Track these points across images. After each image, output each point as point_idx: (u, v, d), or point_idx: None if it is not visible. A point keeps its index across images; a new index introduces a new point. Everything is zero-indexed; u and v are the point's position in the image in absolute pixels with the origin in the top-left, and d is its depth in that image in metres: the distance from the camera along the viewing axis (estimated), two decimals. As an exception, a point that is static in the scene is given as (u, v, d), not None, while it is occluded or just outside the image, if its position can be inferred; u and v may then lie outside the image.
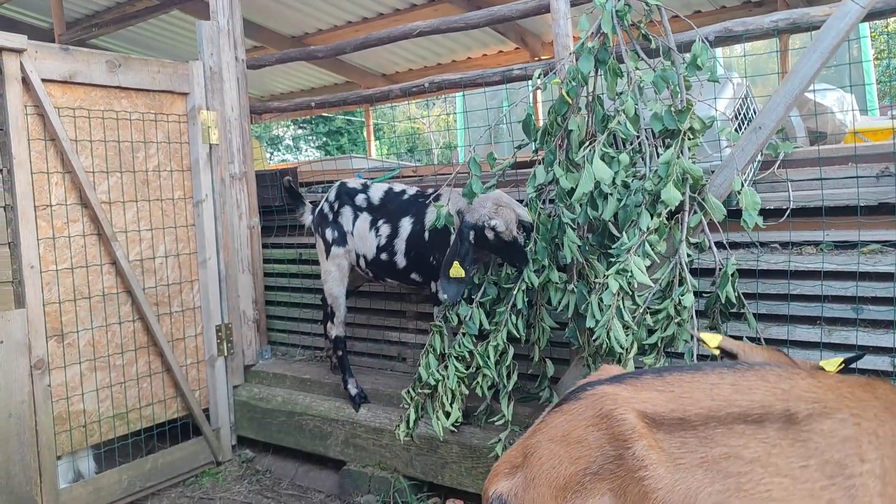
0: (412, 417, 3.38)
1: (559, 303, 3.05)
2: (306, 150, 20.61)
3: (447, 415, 3.20)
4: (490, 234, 3.05)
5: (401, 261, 3.55)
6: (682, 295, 2.65)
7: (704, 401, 1.51)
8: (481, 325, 3.13)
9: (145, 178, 4.02)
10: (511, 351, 3.16)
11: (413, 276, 3.58)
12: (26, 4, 7.23)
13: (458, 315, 3.25)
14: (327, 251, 3.86)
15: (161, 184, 4.10)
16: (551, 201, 3.18)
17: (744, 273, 3.05)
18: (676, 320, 2.62)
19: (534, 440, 1.64)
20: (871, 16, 2.58)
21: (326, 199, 3.91)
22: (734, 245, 3.15)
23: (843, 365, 1.98)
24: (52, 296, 3.57)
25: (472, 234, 3.07)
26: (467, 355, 3.19)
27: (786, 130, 3.46)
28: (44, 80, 3.50)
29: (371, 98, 4.21)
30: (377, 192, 3.75)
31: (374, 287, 4.33)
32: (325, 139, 19.46)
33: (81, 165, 3.67)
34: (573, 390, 1.69)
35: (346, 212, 3.78)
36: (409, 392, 3.40)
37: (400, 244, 3.53)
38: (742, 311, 2.76)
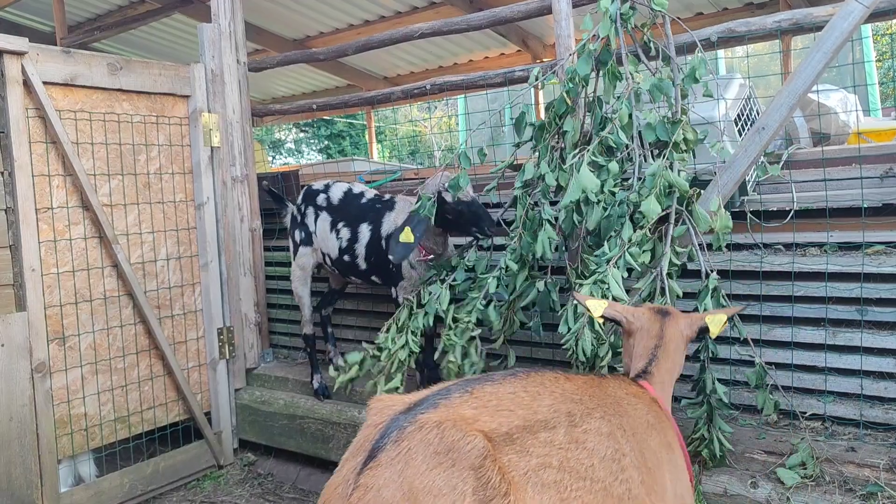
0: (352, 374, 3.46)
1: (526, 296, 3.04)
2: (308, 154, 20.60)
3: (388, 380, 3.24)
4: (449, 197, 3.14)
5: (362, 264, 3.71)
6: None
7: (517, 411, 1.46)
8: (443, 306, 3.12)
9: (146, 181, 4.01)
10: (478, 332, 3.15)
11: (373, 278, 3.75)
12: (28, 8, 7.24)
13: (429, 293, 3.25)
14: (295, 252, 4.07)
15: (162, 186, 4.09)
16: (536, 204, 3.16)
17: (747, 274, 3.04)
18: None
19: None
20: (874, 16, 2.57)
21: (295, 203, 4.10)
22: (738, 246, 3.13)
23: (728, 322, 2.06)
24: (54, 299, 3.57)
25: (429, 203, 3.13)
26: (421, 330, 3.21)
27: (789, 132, 3.44)
28: (45, 83, 3.50)
29: (373, 100, 4.21)
30: (337, 192, 3.90)
31: (378, 291, 4.32)
32: (326, 142, 19.44)
33: (83, 168, 3.66)
34: (381, 436, 1.38)
35: (310, 212, 3.96)
36: (364, 352, 3.42)
37: (360, 249, 3.69)
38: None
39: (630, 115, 2.68)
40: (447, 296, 3.17)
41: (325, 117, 17.21)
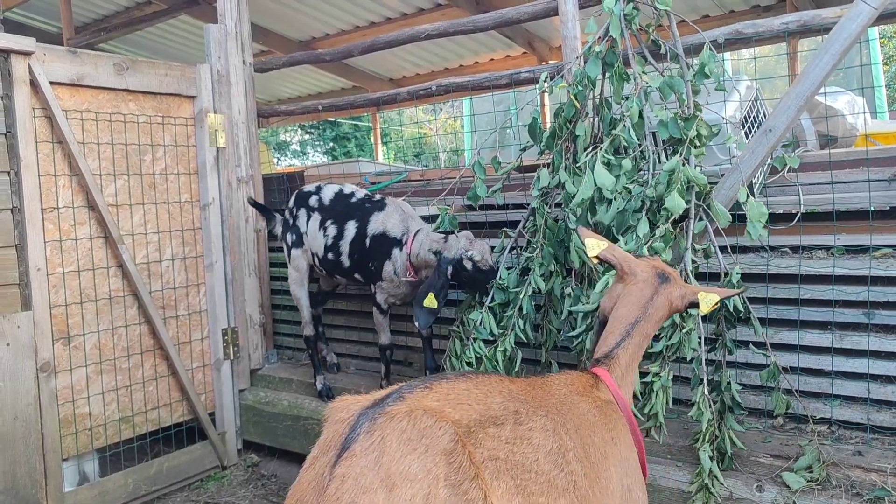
0: None
1: (560, 309, 3.06)
2: (313, 156, 20.63)
3: None
4: (469, 265, 3.19)
5: (345, 261, 3.74)
6: None
7: (474, 405, 1.52)
8: (491, 330, 3.11)
9: (152, 182, 4.02)
10: (520, 355, 3.15)
11: (356, 275, 3.77)
12: (35, 9, 7.27)
13: (472, 320, 3.24)
14: (288, 254, 4.08)
15: (168, 187, 4.10)
16: (557, 205, 3.16)
17: (754, 277, 3.02)
18: (683, 329, 2.59)
19: None
20: (882, 17, 2.56)
21: (287, 207, 4.11)
22: (744, 249, 3.12)
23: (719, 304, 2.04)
24: (59, 298, 3.57)
25: (450, 268, 3.19)
26: (475, 360, 3.18)
27: (796, 134, 3.43)
28: (52, 83, 3.51)
29: (378, 101, 4.20)
30: (328, 193, 3.93)
31: (365, 290, 4.31)
32: (332, 144, 19.47)
33: (89, 168, 3.67)
34: (352, 429, 1.42)
35: (302, 214, 3.98)
36: None
37: (344, 246, 3.72)
38: (748, 315, 2.72)
39: (640, 114, 2.67)
40: (489, 320, 3.17)
41: (330, 119, 17.24)
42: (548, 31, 6.87)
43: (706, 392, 2.59)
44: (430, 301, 3.17)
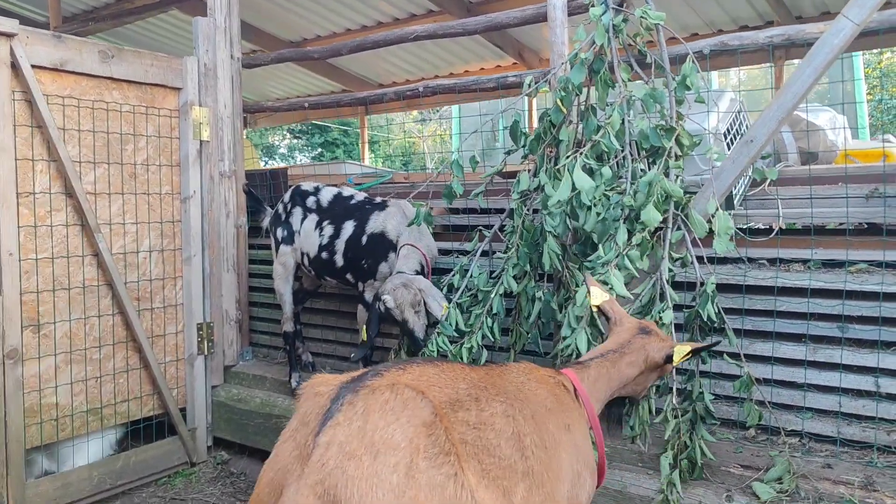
0: None
1: (529, 312, 3.06)
2: (300, 160, 20.56)
3: None
4: (381, 307, 3.20)
5: (339, 260, 3.72)
6: (662, 312, 2.62)
7: (444, 389, 1.57)
8: (458, 326, 3.10)
9: (133, 172, 3.97)
10: (485, 355, 3.14)
11: (348, 275, 3.75)
12: (23, -3, 7.21)
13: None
14: (276, 249, 4.05)
15: (149, 178, 4.05)
16: (535, 211, 3.17)
17: (730, 288, 3.04)
18: None
19: (320, 475, 1.31)
20: (863, 35, 2.59)
21: (281, 201, 4.09)
22: (722, 260, 3.13)
23: (690, 354, 2.15)
24: (31, 285, 3.51)
25: (376, 304, 3.23)
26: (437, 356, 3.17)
27: (778, 149, 3.46)
28: (34, 67, 3.46)
29: (365, 101, 4.20)
30: (327, 194, 3.94)
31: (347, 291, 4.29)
32: (320, 149, 19.42)
33: (68, 154, 3.62)
34: (333, 402, 1.44)
35: (297, 212, 3.96)
36: None
37: (340, 245, 3.71)
38: (723, 326, 2.73)
39: (623, 122, 2.69)
40: (456, 315, 3.16)
41: (319, 124, 17.21)
42: (538, 41, 6.90)
43: (674, 401, 2.59)
44: (363, 334, 3.22)
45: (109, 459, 3.82)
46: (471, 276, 3.25)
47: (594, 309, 2.35)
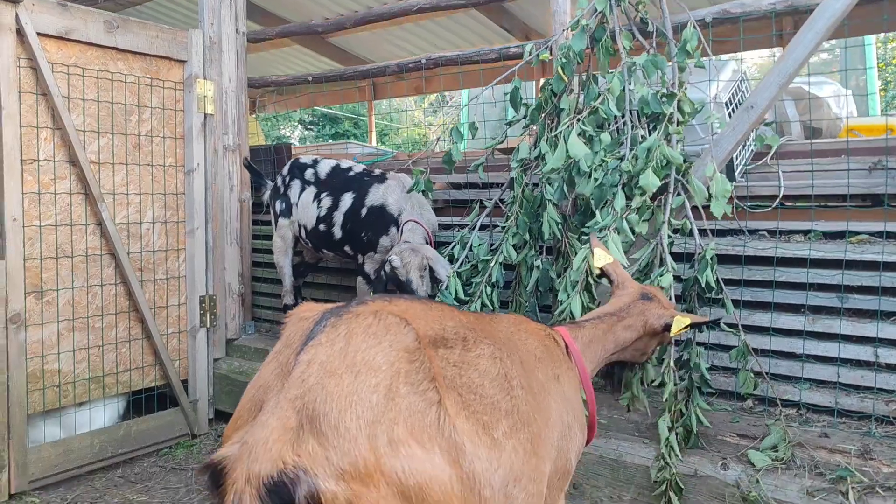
0: None
1: (528, 281, 3.06)
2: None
3: None
4: (388, 268, 3.27)
5: (337, 232, 3.75)
6: (661, 276, 2.61)
7: (431, 324, 1.57)
8: (457, 294, 3.10)
9: (137, 142, 3.99)
10: None
11: (346, 248, 3.77)
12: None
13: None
14: (275, 222, 4.09)
15: (153, 149, 4.07)
16: (535, 185, 3.16)
17: (730, 259, 3.02)
18: None
19: (300, 390, 1.29)
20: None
21: (280, 174, 4.12)
22: (722, 232, 3.11)
23: (689, 327, 2.16)
24: (34, 251, 3.54)
25: (382, 271, 3.30)
26: None
27: (781, 124, 3.44)
28: (39, 34, 3.48)
29: (369, 73, 4.20)
30: (325, 167, 3.96)
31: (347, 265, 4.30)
32: (330, 141, 19.46)
33: (72, 123, 3.64)
34: (316, 325, 1.43)
35: (295, 185, 4.00)
36: None
37: (338, 217, 3.73)
38: (720, 296, 2.72)
39: (623, 89, 2.67)
40: (455, 283, 3.16)
41: (330, 116, 17.23)
42: (545, 23, 6.86)
43: (672, 364, 2.58)
44: None
45: (111, 428, 3.85)
46: (471, 248, 3.25)
47: (597, 271, 2.35)
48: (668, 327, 2.18)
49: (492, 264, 3.02)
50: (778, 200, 2.95)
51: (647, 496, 2.69)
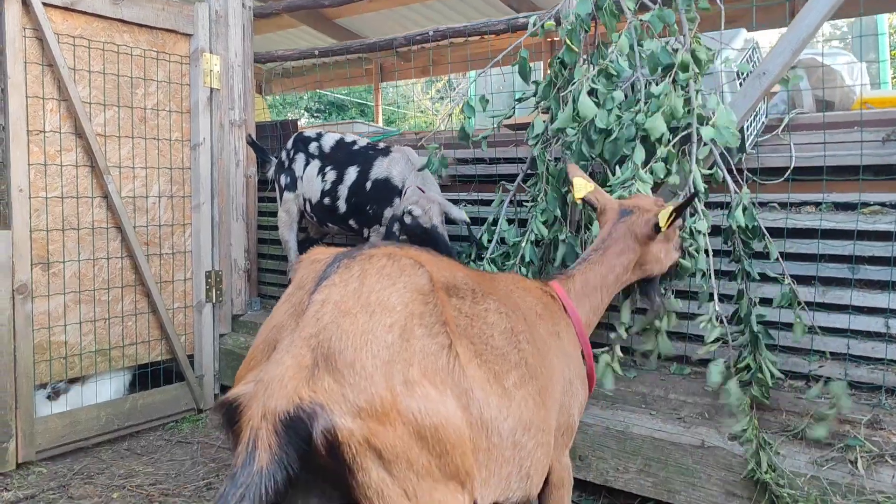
0: None
1: (556, 256, 3.02)
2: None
3: None
4: (408, 219, 3.17)
5: (342, 206, 3.70)
6: (695, 223, 2.58)
7: (443, 272, 1.58)
8: None
9: (143, 116, 3.98)
10: None
11: (351, 221, 3.73)
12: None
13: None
14: (280, 197, 4.05)
15: (159, 123, 4.06)
16: (557, 160, 3.12)
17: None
18: (691, 246, 2.55)
19: (315, 329, 1.28)
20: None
21: (284, 148, 4.07)
22: (730, 205, 3.07)
23: (675, 214, 2.11)
24: (40, 223, 3.53)
25: (395, 225, 3.19)
26: None
27: (793, 99, 3.39)
28: (45, 4, 3.46)
29: (375, 46, 4.17)
30: (329, 140, 3.91)
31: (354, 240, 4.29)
32: (337, 120, 19.42)
33: (78, 95, 3.63)
34: (329, 266, 1.43)
35: (300, 158, 3.96)
36: None
37: (343, 190, 3.69)
38: (764, 246, 2.68)
39: (631, 46, 2.64)
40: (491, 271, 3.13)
41: (337, 103, 17.18)
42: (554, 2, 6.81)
43: (716, 307, 2.53)
44: None
45: (118, 401, 3.86)
46: (501, 229, 3.22)
47: (579, 202, 2.32)
48: (657, 227, 2.14)
49: (523, 244, 2.98)
50: (789, 172, 2.91)
51: (656, 467, 2.68)
